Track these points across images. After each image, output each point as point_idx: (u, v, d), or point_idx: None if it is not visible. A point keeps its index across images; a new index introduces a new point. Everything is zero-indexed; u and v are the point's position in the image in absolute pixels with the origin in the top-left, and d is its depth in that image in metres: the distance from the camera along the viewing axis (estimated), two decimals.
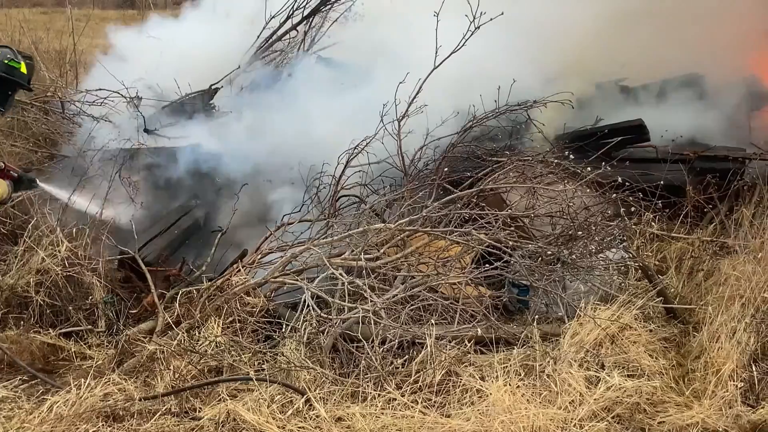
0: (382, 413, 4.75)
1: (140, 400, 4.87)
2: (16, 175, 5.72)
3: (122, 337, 5.57)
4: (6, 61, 5.35)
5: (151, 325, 5.74)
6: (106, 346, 5.61)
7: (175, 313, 5.72)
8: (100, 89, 8.17)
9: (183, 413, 4.84)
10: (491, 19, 6.38)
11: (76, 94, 8.82)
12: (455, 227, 5.99)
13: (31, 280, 5.85)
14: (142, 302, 5.99)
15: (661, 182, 7.16)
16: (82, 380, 4.98)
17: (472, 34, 6.42)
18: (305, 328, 5.41)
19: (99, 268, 6.10)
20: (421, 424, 4.67)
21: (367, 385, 4.98)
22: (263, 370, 5.25)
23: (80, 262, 5.99)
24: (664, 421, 4.92)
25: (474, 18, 6.34)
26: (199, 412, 4.84)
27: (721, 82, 9.14)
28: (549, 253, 6.01)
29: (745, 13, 9.09)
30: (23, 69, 5.44)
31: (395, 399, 4.87)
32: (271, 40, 9.54)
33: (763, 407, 5.00)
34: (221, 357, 5.30)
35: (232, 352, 5.36)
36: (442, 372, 5.11)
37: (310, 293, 5.51)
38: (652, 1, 8.96)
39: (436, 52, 6.46)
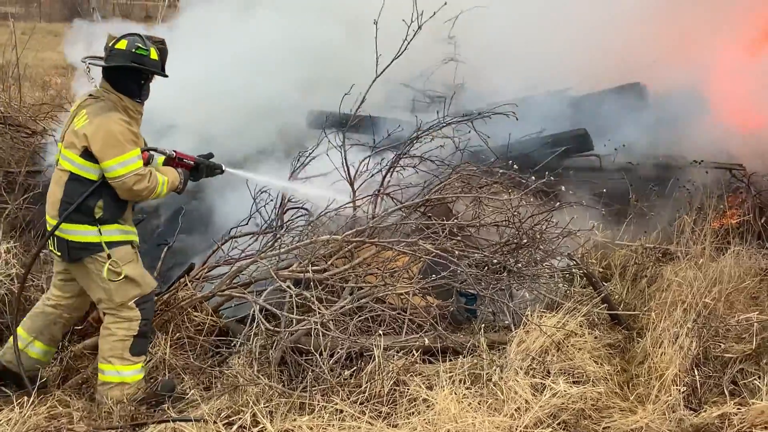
0: (330, 425, 4.76)
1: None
2: (192, 163, 5.53)
3: (67, 354, 5.51)
4: (134, 50, 5.05)
5: (97, 340, 5.67)
6: (51, 362, 5.52)
7: None
8: (43, 103, 8.08)
9: (129, 429, 4.80)
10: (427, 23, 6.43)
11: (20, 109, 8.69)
12: (402, 237, 6.01)
13: None
14: (87, 318, 5.91)
15: (605, 190, 7.27)
16: (26, 398, 4.92)
17: (411, 40, 6.45)
18: (254, 342, 5.40)
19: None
20: None
21: (315, 397, 4.98)
22: (211, 384, 5.23)
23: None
24: (609, 426, 5.01)
25: (412, 21, 6.38)
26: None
27: (663, 91, 9.28)
28: (495, 261, 6.06)
29: (688, 22, 9.27)
30: (153, 55, 5.14)
31: (343, 410, 4.87)
32: None
33: (705, 411, 5.10)
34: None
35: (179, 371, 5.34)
36: (390, 382, 5.13)
37: (258, 306, 5.49)
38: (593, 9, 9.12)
39: (377, 61, 6.48)
